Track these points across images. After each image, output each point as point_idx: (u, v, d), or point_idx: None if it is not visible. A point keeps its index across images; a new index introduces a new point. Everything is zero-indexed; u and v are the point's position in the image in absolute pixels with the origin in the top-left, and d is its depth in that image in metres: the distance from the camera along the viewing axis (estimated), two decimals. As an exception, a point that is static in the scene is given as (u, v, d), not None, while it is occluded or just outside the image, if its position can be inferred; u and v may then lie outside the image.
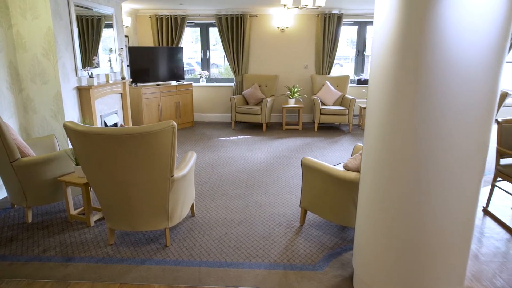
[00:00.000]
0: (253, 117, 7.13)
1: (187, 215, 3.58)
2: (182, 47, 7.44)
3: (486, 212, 3.65)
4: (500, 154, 3.49)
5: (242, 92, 7.53)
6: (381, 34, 2.03)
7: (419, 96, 1.90)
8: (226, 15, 7.35)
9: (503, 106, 7.75)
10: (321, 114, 6.95)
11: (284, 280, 2.61)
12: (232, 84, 7.88)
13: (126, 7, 6.92)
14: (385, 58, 2.01)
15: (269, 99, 7.07)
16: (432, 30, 1.80)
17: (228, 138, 6.60)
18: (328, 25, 7.30)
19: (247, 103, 7.46)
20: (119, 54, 5.90)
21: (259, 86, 7.55)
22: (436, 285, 2.14)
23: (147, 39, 7.68)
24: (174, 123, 2.63)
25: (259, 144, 6.19)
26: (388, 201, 2.12)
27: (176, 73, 7.39)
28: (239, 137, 6.70)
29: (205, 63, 8.15)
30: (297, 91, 7.24)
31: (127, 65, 6.68)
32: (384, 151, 2.09)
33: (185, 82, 7.48)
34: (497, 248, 3.01)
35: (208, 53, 8.09)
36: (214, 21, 7.48)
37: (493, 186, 3.64)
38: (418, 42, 1.84)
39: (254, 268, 2.75)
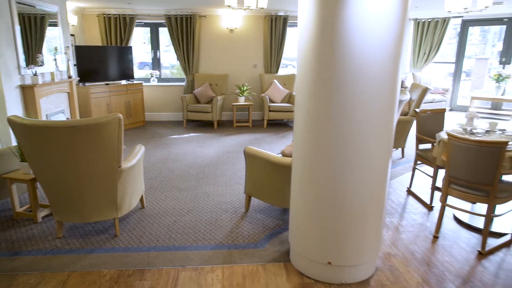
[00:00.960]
0: (204, 115, 7.31)
1: (137, 207, 3.70)
2: (131, 47, 7.45)
3: (409, 192, 4.13)
4: (419, 140, 3.98)
5: (193, 91, 7.67)
6: (303, 33, 2.33)
7: (334, 86, 2.22)
8: (176, 15, 7.46)
9: (432, 102, 8.56)
10: (269, 111, 7.29)
11: (228, 257, 2.84)
12: (183, 84, 8.00)
13: (71, 5, 6.81)
14: (307, 53, 2.31)
15: (219, 98, 7.29)
16: (341, 31, 2.13)
17: (179, 136, 6.73)
18: (274, 26, 7.66)
19: (198, 101, 7.61)
20: (65, 53, 5.83)
21: (210, 85, 7.74)
22: (357, 249, 2.48)
23: (95, 38, 7.59)
24: (120, 115, 2.77)
25: (210, 141, 6.38)
26: (313, 181, 2.42)
27: (126, 72, 7.38)
28: (191, 134, 6.85)
29: (156, 63, 8.19)
30: (246, 90, 7.53)
31: (74, 64, 6.58)
32: (309, 136, 2.40)
33: (135, 82, 7.48)
34: (414, 220, 3.46)
35: (158, 53, 8.14)
36: (164, 21, 7.57)
37: (414, 169, 4.13)
38: (331, 40, 2.16)
39: (201, 249, 2.96)
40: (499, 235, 3.18)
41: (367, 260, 2.55)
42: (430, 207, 3.72)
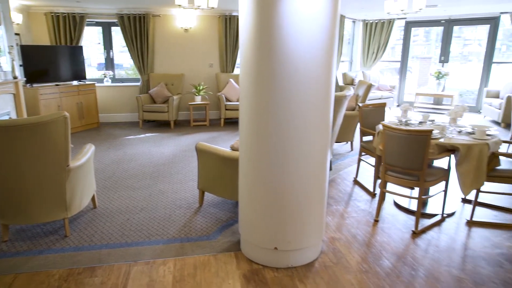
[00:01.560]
0: (160, 115, 7.27)
1: (88, 207, 3.67)
2: (82, 46, 7.25)
3: (355, 181, 4.40)
4: (362, 133, 4.25)
5: (149, 91, 7.61)
6: (243, 33, 2.45)
7: (272, 82, 2.36)
8: (128, 14, 7.36)
9: (381, 98, 9.05)
10: (226, 109, 7.39)
11: (180, 250, 2.92)
12: (139, 84, 7.90)
13: (15, 2, 6.52)
14: (247, 52, 2.44)
15: (175, 97, 7.28)
16: (277, 30, 2.27)
17: (135, 137, 6.66)
18: (229, 26, 7.77)
19: (154, 101, 7.56)
20: (9, 53, 5.58)
21: (166, 85, 7.71)
22: (301, 234, 2.64)
23: (43, 38, 7.30)
24: (66, 113, 2.76)
25: (166, 140, 6.37)
26: (258, 172, 2.56)
27: (78, 73, 7.17)
28: (147, 135, 6.80)
29: (109, 63, 8.03)
30: (203, 89, 7.58)
31: (20, 65, 6.31)
32: (252, 130, 2.53)
33: (87, 82, 7.29)
34: (358, 207, 3.71)
35: (112, 53, 7.98)
36: (117, 20, 7.43)
37: (359, 160, 4.41)
38: (269, 38, 2.30)
39: (153, 244, 3.01)
40: (431, 216, 3.50)
41: (311, 244, 2.73)
42: (373, 194, 4.00)
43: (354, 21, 9.99)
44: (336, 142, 5.63)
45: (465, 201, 3.81)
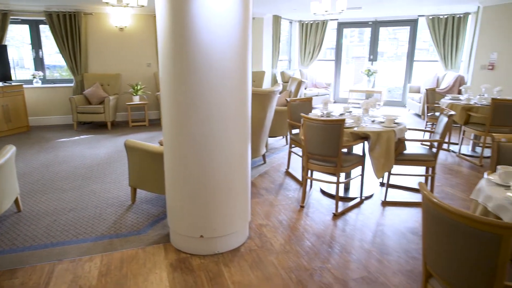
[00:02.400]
0: (96, 116, 7.06)
1: (11, 211, 3.52)
2: (6, 45, 6.81)
3: (287, 172, 4.64)
4: (291, 126, 4.50)
5: (83, 92, 7.34)
6: (161, 26, 2.53)
7: (189, 76, 2.47)
8: (58, 12, 7.05)
9: (318, 95, 9.50)
10: (165, 109, 7.34)
11: (108, 246, 2.92)
12: (72, 85, 7.59)
13: None
14: (164, 50, 2.53)
15: (112, 98, 7.11)
16: (191, 25, 2.38)
17: (69, 139, 6.40)
18: (165, 25, 7.72)
19: (89, 102, 7.31)
20: None
21: (102, 85, 7.49)
22: (226, 221, 2.78)
23: (-41, 36, 6.76)
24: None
25: (103, 142, 6.21)
26: (181, 163, 2.65)
27: (2, 74, 6.73)
28: (82, 137, 6.57)
29: (39, 63, 7.62)
30: (140, 89, 7.47)
31: None
32: (173, 123, 2.62)
33: (13, 84, 6.87)
34: (288, 196, 3.93)
35: (41, 52, 7.59)
36: (45, 18, 7.08)
37: (289, 152, 4.66)
38: (183, 32, 2.40)
39: (81, 243, 2.98)
40: (352, 199, 3.81)
41: (237, 230, 2.88)
42: (301, 183, 4.25)
43: (291, 21, 10.38)
44: (271, 137, 5.86)
45: (382, 184, 4.19)
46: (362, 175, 3.75)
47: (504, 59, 6.35)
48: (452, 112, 3.54)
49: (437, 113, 5.84)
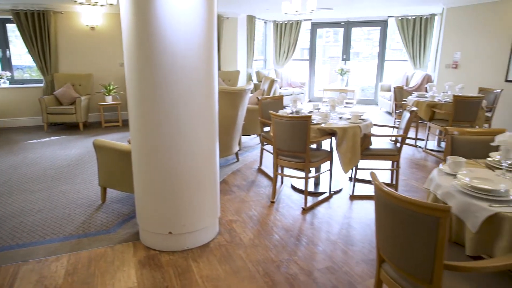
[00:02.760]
0: (68, 117, 6.92)
1: (-25, 214, 3.43)
2: (-30, 45, 6.59)
3: (259, 170, 4.71)
4: (262, 124, 4.57)
5: (54, 92, 7.19)
6: (125, 24, 2.54)
7: (155, 73, 2.49)
8: (25, 10, 6.87)
9: (292, 94, 9.62)
10: (139, 109, 7.27)
11: (76, 246, 2.90)
12: (42, 85, 7.41)
13: None
14: (130, 48, 2.54)
15: (84, 98, 6.99)
16: (154, 21, 2.41)
17: (38, 140, 6.26)
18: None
19: (60, 103, 7.16)
20: None
21: (73, 85, 7.35)
22: (195, 218, 2.81)
23: None
24: None
25: (74, 143, 6.10)
26: (148, 160, 2.67)
27: (-34, 74, 6.51)
28: (52, 138, 6.43)
29: (6, 63, 7.40)
30: (113, 89, 7.37)
31: None
32: (139, 120, 2.63)
33: (-21, 84, 6.65)
34: (259, 192, 4.00)
35: (8, 52, 7.37)
36: (11, 16, 6.89)
37: (261, 149, 4.73)
38: (147, 30, 2.43)
39: (48, 243, 2.94)
40: (322, 194, 3.91)
41: (206, 226, 2.91)
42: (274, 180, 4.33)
43: (265, 21, 10.47)
44: (245, 135, 5.92)
45: (350, 179, 4.32)
46: (331, 170, 3.86)
47: (466, 58, 6.64)
48: (414, 108, 3.70)
49: (405, 110, 6.04)
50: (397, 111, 6.08)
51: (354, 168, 3.78)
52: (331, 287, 2.40)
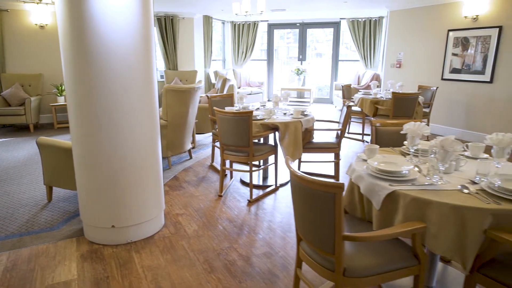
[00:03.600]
0: (17, 119, 6.70)
1: None
2: None
3: (211, 166, 4.83)
4: (212, 122, 4.69)
5: (1, 93, 6.93)
6: (61, 23, 2.58)
7: (91, 68, 2.55)
8: (-33, 8, 6.59)
9: (251, 94, 9.81)
10: (93, 109, 7.17)
11: (17, 243, 2.89)
12: (-12, 85, 7.12)
13: None
14: (65, 46, 2.58)
15: (34, 99, 6.80)
16: (90, 22, 2.47)
17: (-16, 143, 6.03)
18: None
19: (8, 104, 6.92)
20: None
21: (22, 86, 7.12)
22: (138, 210, 2.89)
23: None
24: None
25: (22, 145, 5.94)
26: (89, 155, 2.72)
27: None
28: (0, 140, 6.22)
29: None
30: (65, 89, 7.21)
31: None
32: (79, 117, 2.68)
33: None
34: (207, 187, 4.12)
35: (-51, 51, 7.02)
36: (-48, 14, 6.58)
37: (213, 146, 4.85)
38: (83, 28, 2.48)
39: (-13, 243, 2.91)
40: (268, 187, 4.09)
41: (149, 219, 2.99)
42: (223, 175, 4.46)
43: (223, 22, 10.60)
44: (200, 133, 6.02)
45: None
46: (276, 163, 4.04)
47: (409, 58, 7.11)
48: (350, 104, 3.96)
49: (356, 108, 6.38)
50: (345, 108, 6.40)
51: (298, 161, 3.98)
52: (266, 270, 2.56)
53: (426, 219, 1.76)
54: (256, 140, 4.29)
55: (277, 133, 3.87)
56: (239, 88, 9.93)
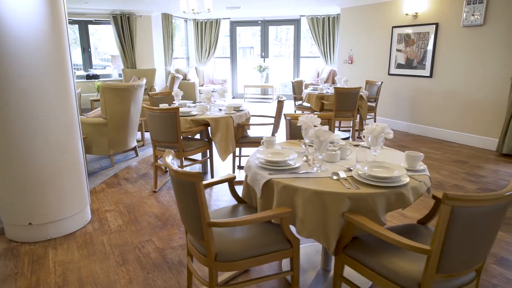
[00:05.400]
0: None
1: None
2: None
3: (154, 164, 4.86)
4: (154, 119, 4.72)
5: None
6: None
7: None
8: None
9: (213, 91, 9.85)
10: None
11: None
12: None
13: None
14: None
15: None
16: (-9, 18, 2.48)
17: None
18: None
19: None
20: None
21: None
22: (58, 207, 2.91)
23: None
24: None
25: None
26: (4, 155, 2.73)
27: None
28: None
29: None
30: None
31: None
32: (-12, 113, 2.68)
33: None
34: (144, 184, 4.16)
35: None
36: None
37: (154, 145, 4.88)
38: (-16, 27, 2.49)
39: None
40: (204, 182, 4.16)
41: (71, 215, 3.02)
42: (164, 172, 4.52)
43: (186, 20, 10.59)
44: (147, 131, 6.03)
45: (239, 167, 4.63)
46: (211, 158, 4.12)
47: (359, 54, 7.30)
48: (282, 99, 4.07)
49: (305, 103, 6.52)
50: (296, 103, 6.54)
51: (232, 155, 4.07)
52: (177, 261, 2.64)
53: (295, 205, 1.87)
54: (196, 136, 4.36)
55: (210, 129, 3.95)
56: (202, 86, 9.96)
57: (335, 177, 1.95)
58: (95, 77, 8.24)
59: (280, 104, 4.04)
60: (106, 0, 7.02)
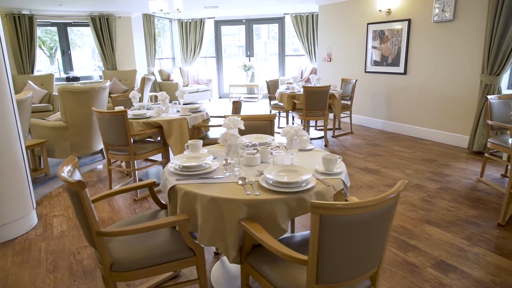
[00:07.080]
0: None
1: None
2: None
3: (120, 166, 4.83)
4: (117, 121, 4.68)
5: None
6: None
7: None
8: None
9: (197, 91, 9.81)
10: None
11: None
12: None
13: None
14: None
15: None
16: None
17: None
18: (20, 25, 7.43)
19: None
20: None
21: None
22: (1, 211, 2.88)
23: None
24: None
25: None
26: None
27: None
28: None
29: None
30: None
31: None
32: None
33: None
34: (101, 187, 4.12)
35: None
36: None
37: (120, 145, 4.84)
38: None
39: None
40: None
41: (10, 221, 2.99)
42: (124, 174, 4.47)
43: (171, 20, 10.54)
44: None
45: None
46: (168, 161, 4.07)
47: (337, 51, 7.20)
48: (236, 99, 4.01)
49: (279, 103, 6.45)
50: (272, 103, 6.47)
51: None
52: (109, 267, 2.59)
53: (196, 211, 1.81)
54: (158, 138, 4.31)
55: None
56: (186, 86, 9.92)
57: (240, 182, 1.88)
58: (75, 79, 8.23)
59: (236, 104, 3.97)
60: (83, 2, 6.99)
